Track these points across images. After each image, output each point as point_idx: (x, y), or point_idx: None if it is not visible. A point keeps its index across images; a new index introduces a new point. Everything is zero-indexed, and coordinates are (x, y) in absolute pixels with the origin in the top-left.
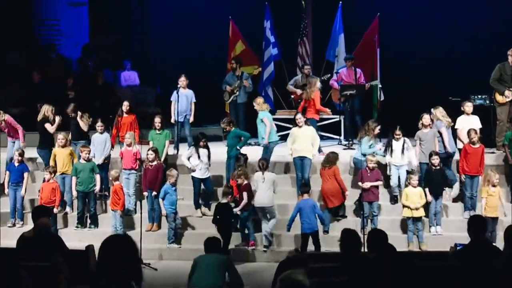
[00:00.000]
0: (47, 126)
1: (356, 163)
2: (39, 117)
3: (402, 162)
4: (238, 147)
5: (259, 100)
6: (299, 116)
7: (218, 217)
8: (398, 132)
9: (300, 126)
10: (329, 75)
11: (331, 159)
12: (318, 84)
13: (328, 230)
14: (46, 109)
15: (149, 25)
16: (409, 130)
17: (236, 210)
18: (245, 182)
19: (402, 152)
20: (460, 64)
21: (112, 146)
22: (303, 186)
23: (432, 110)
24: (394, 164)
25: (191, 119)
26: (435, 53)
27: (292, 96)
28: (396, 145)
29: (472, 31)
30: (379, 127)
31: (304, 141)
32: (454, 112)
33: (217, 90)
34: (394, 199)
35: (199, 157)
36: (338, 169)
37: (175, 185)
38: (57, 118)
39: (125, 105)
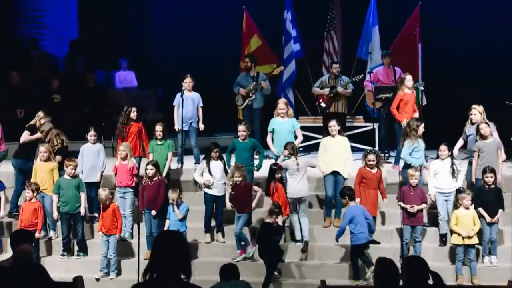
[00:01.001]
0: (24, 133)
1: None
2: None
3: (451, 189)
4: (256, 169)
5: (285, 103)
6: (333, 123)
7: (262, 236)
8: (443, 149)
9: (333, 136)
10: (362, 75)
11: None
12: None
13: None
14: (38, 116)
15: (149, 19)
16: (454, 139)
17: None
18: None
19: (453, 175)
20: None
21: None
22: (348, 190)
23: (475, 107)
24: (441, 192)
25: (201, 126)
26: (489, 48)
27: (321, 102)
28: (442, 166)
29: None
30: (422, 125)
31: (338, 153)
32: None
33: (228, 93)
34: (442, 240)
35: (210, 171)
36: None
37: (178, 203)
38: (39, 133)
39: (134, 111)
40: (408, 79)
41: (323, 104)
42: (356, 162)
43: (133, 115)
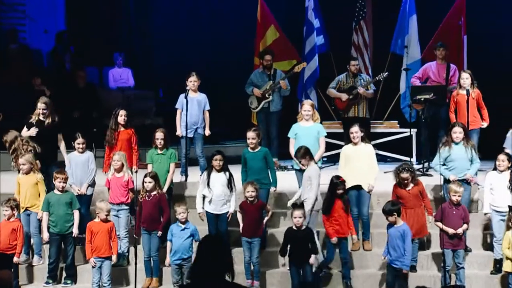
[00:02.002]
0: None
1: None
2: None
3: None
4: (274, 188)
5: (311, 105)
6: (355, 128)
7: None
8: (502, 159)
9: (355, 143)
10: (386, 73)
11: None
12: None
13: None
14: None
15: (148, 9)
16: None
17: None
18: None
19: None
20: None
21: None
22: (393, 205)
23: None
24: (497, 210)
25: (206, 132)
26: None
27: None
28: (499, 180)
29: None
30: (458, 130)
31: (362, 164)
32: None
33: (240, 94)
34: (496, 267)
35: (208, 184)
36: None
37: (185, 223)
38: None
39: (122, 115)
40: (464, 77)
41: (344, 104)
42: (392, 175)
43: (121, 119)
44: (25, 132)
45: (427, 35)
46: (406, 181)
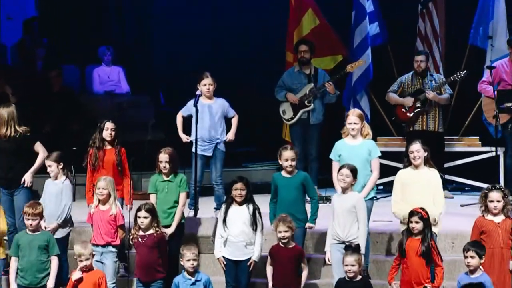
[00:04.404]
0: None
1: None
2: None
3: None
4: (310, 224)
5: (359, 116)
6: (416, 146)
7: None
8: None
9: (415, 166)
10: (464, 72)
11: None
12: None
13: None
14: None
15: None
16: None
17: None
18: None
19: None
20: None
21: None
22: (473, 246)
23: None
24: None
25: (229, 135)
26: None
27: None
28: None
29: None
30: None
31: (422, 193)
32: None
33: (266, 101)
34: None
35: (225, 221)
36: None
37: (195, 273)
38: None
39: (108, 129)
40: None
41: (409, 113)
42: (471, 210)
43: (107, 134)
44: None
45: None
46: (495, 208)
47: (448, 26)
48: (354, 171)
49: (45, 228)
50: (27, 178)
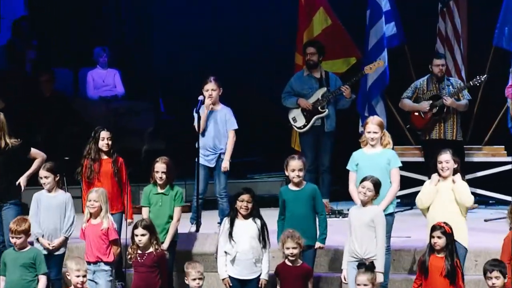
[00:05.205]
0: None
1: None
2: None
3: None
4: (320, 244)
5: (379, 124)
6: (446, 157)
7: None
8: None
9: (444, 178)
10: (484, 76)
11: None
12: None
13: None
14: None
15: None
16: None
17: None
18: None
19: None
20: None
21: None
22: (495, 265)
23: None
24: None
25: (224, 164)
26: None
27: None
28: None
29: None
30: None
31: (451, 208)
32: None
33: (273, 107)
34: None
35: (230, 235)
36: None
37: None
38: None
39: (104, 138)
40: None
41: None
42: (496, 225)
43: (103, 143)
44: None
45: None
46: None
47: (471, 26)
48: (377, 185)
49: (49, 245)
50: (22, 181)
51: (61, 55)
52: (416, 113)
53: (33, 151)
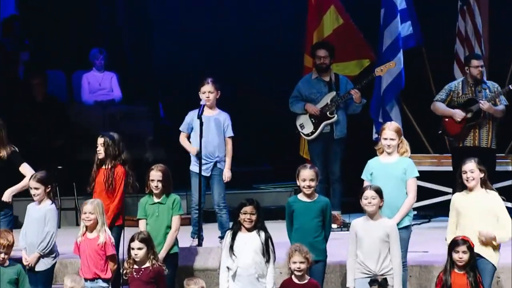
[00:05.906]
0: None
1: None
2: None
3: None
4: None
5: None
6: (470, 166)
7: None
8: None
9: (470, 189)
10: None
11: None
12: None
13: None
14: None
15: None
16: None
17: None
18: None
19: None
20: None
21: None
22: None
23: None
24: None
25: (225, 174)
26: None
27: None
28: None
29: None
30: None
31: (481, 221)
32: None
33: (279, 113)
34: None
35: (232, 249)
36: None
37: None
38: None
39: (98, 145)
40: None
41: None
42: None
43: (97, 150)
44: None
45: None
46: None
47: (492, 25)
48: (379, 191)
49: (25, 260)
50: (6, 195)
51: (54, 57)
52: (450, 118)
53: (24, 166)
